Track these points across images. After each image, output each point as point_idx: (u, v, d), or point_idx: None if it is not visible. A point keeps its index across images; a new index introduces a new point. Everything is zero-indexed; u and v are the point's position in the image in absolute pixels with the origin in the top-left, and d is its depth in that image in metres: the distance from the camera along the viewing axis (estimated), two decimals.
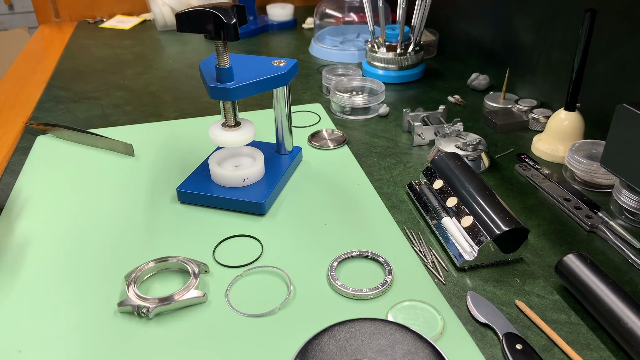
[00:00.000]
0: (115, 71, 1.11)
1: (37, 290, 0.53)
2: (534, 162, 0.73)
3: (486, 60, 1.05)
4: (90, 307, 0.51)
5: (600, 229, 0.60)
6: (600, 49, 0.75)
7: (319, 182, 0.70)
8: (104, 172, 0.72)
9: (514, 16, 0.94)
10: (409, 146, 0.79)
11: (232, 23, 0.55)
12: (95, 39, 1.32)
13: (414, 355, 0.42)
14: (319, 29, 1.22)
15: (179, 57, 1.18)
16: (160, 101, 0.96)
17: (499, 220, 0.53)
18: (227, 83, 0.60)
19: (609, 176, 0.66)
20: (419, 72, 1.03)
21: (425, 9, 0.98)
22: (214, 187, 0.65)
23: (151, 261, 0.54)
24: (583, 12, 0.66)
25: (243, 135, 0.63)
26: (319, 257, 0.57)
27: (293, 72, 0.66)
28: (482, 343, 0.47)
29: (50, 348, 0.47)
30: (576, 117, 0.73)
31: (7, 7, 3.02)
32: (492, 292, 0.52)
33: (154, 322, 0.49)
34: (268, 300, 0.51)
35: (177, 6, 1.33)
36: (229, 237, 0.60)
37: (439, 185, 0.63)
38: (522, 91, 0.93)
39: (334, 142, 0.79)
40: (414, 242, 0.59)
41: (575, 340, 0.47)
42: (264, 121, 0.85)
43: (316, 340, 0.43)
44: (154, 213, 0.64)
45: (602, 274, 0.49)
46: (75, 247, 0.59)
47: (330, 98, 0.90)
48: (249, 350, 0.46)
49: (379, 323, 0.45)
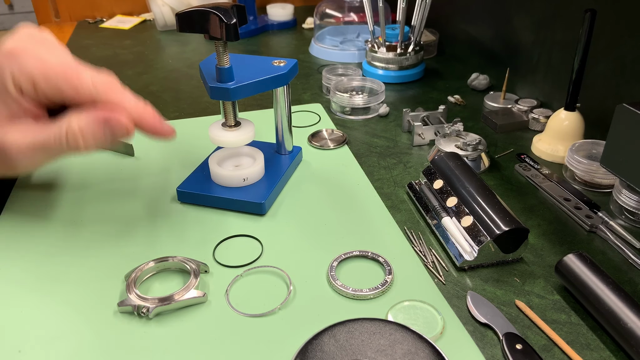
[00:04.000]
0: (115, 71, 1.09)
1: (37, 290, 0.53)
2: (534, 162, 0.73)
3: (486, 60, 1.05)
4: (90, 307, 0.51)
5: (600, 229, 0.60)
6: (600, 49, 0.75)
7: (319, 182, 0.70)
8: (104, 172, 0.72)
9: (514, 16, 0.94)
10: (409, 146, 0.79)
11: (232, 23, 0.55)
12: (95, 39, 1.32)
13: (414, 355, 0.42)
14: (319, 29, 1.22)
15: (179, 57, 1.18)
16: (160, 101, 0.96)
17: (499, 220, 0.53)
18: (227, 83, 0.60)
19: (609, 176, 0.66)
20: (419, 72, 1.03)
21: (425, 9, 0.98)
22: (214, 187, 0.65)
23: (151, 261, 0.54)
24: (583, 12, 0.66)
25: (243, 135, 0.63)
26: (319, 257, 0.57)
27: (293, 72, 0.66)
28: (482, 343, 0.47)
29: (50, 348, 0.47)
30: (576, 117, 0.73)
31: (7, 7, 3.02)
32: (492, 292, 0.52)
33: (154, 322, 0.49)
34: (268, 300, 0.51)
35: (177, 6, 1.33)
36: (229, 237, 0.60)
37: (439, 185, 0.63)
38: (522, 91, 0.93)
39: (334, 142, 0.79)
40: (414, 242, 0.59)
41: (575, 340, 0.47)
42: (264, 121, 0.85)
43: (316, 340, 0.43)
44: (154, 213, 0.64)
45: (602, 274, 0.49)
46: (75, 247, 0.59)
47: (330, 98, 0.90)
48: (249, 350, 0.46)
49: (379, 323, 0.45)
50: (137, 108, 0.50)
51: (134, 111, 0.49)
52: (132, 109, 0.49)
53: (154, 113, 0.51)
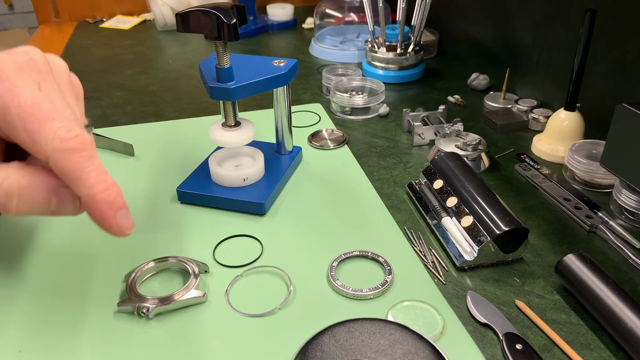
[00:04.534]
0: (115, 71, 1.11)
1: (37, 290, 0.53)
2: (534, 162, 0.73)
3: (486, 60, 1.05)
4: (90, 307, 0.51)
5: (600, 229, 0.60)
6: (600, 49, 0.75)
7: (319, 182, 0.70)
8: None
9: (514, 16, 0.94)
10: (409, 146, 0.79)
11: (232, 23, 0.55)
12: (95, 39, 1.32)
13: (414, 355, 0.42)
14: (319, 29, 1.22)
15: (179, 57, 1.18)
16: (160, 101, 0.96)
17: (499, 220, 0.53)
18: (227, 83, 0.60)
19: (609, 176, 0.66)
20: (419, 72, 1.03)
21: (425, 9, 0.98)
22: (214, 187, 0.65)
23: (151, 261, 0.54)
24: (583, 12, 0.66)
25: (243, 135, 0.63)
26: (319, 257, 0.57)
27: (293, 72, 0.66)
28: (482, 343, 0.47)
29: (50, 348, 0.47)
30: (576, 117, 0.73)
31: (7, 7, 3.02)
32: (492, 292, 0.52)
33: (154, 322, 0.49)
34: (268, 300, 0.51)
35: (177, 6, 1.33)
36: (229, 237, 0.60)
37: (439, 185, 0.63)
38: (522, 91, 0.93)
39: (334, 142, 0.79)
40: (414, 242, 0.59)
41: (575, 340, 0.47)
42: (264, 121, 0.85)
43: (316, 340, 0.43)
44: (154, 213, 0.64)
45: (602, 274, 0.49)
46: (75, 246, 0.59)
47: (330, 98, 0.90)
48: (249, 350, 0.46)
49: (379, 323, 0.45)
50: (97, 189, 0.38)
51: (93, 192, 0.38)
52: (92, 188, 0.38)
53: (115, 201, 0.40)
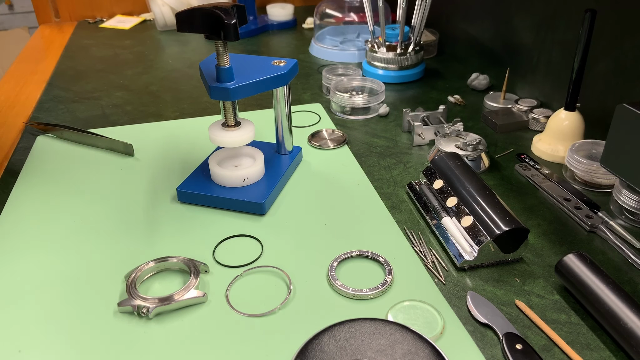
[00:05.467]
0: (115, 71, 1.11)
1: (37, 290, 0.53)
2: (534, 162, 0.73)
3: (486, 60, 1.05)
4: (90, 307, 0.51)
5: (600, 229, 0.60)
6: (600, 49, 0.75)
7: (319, 182, 0.70)
8: (104, 172, 0.72)
9: (514, 16, 0.94)
10: (409, 146, 0.79)
11: (232, 23, 0.55)
12: (95, 39, 1.32)
13: (414, 355, 0.42)
14: (319, 29, 1.22)
15: (179, 57, 1.18)
16: (160, 101, 0.96)
17: (499, 220, 0.53)
18: (227, 83, 0.60)
19: (609, 176, 0.66)
20: (419, 72, 1.03)
21: (425, 9, 0.98)
22: (214, 187, 0.65)
23: (151, 261, 0.54)
24: (583, 12, 0.66)
25: (243, 135, 0.63)
26: (319, 257, 0.57)
27: (293, 72, 0.66)
28: (482, 343, 0.47)
29: (50, 348, 0.47)
30: (576, 117, 0.73)
31: (7, 7, 3.03)
32: (492, 292, 0.52)
33: (154, 322, 0.49)
34: (268, 300, 0.51)
35: (177, 6, 1.33)
36: (229, 237, 0.60)
37: (439, 185, 0.63)
38: (522, 91, 0.93)
39: (334, 142, 0.79)
40: (414, 242, 0.59)
41: (575, 340, 0.47)
42: (264, 121, 0.85)
43: (316, 340, 0.43)
44: (154, 213, 0.64)
45: (602, 274, 0.49)
46: (75, 247, 0.59)
47: (330, 98, 0.90)
48: (249, 350, 0.46)
49: (379, 323, 0.45)
50: None
51: None
52: None
53: None
